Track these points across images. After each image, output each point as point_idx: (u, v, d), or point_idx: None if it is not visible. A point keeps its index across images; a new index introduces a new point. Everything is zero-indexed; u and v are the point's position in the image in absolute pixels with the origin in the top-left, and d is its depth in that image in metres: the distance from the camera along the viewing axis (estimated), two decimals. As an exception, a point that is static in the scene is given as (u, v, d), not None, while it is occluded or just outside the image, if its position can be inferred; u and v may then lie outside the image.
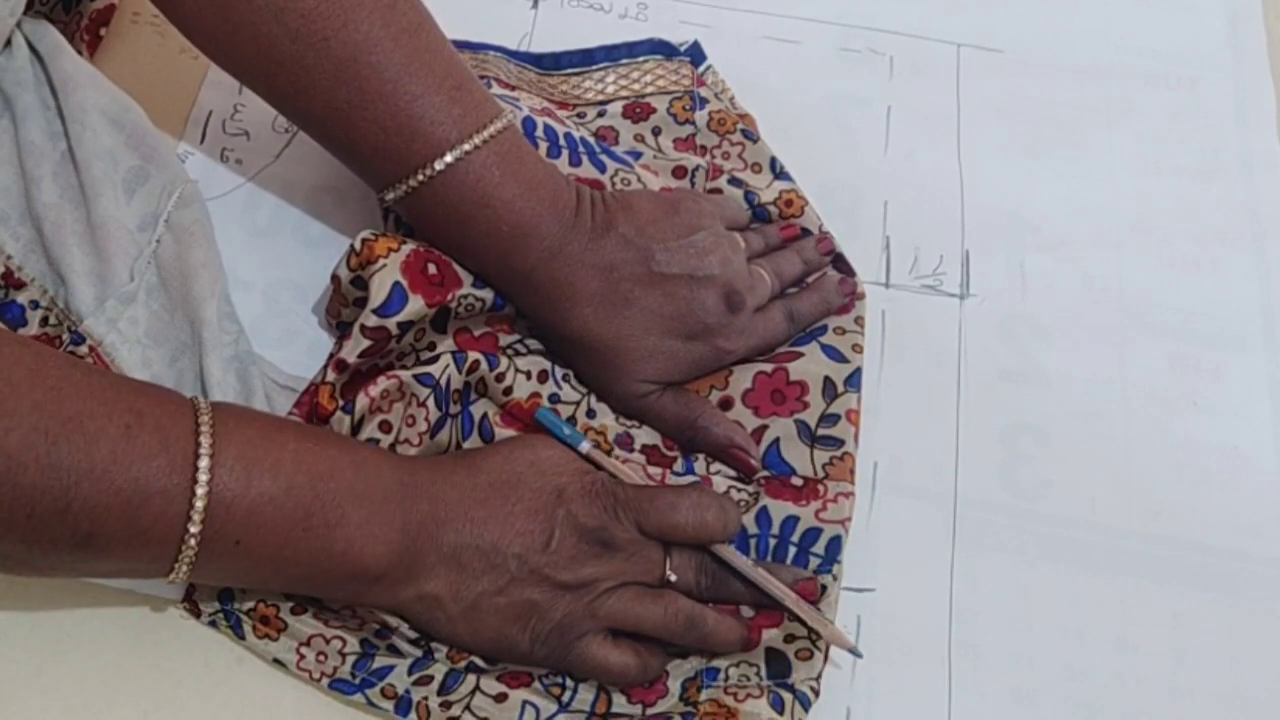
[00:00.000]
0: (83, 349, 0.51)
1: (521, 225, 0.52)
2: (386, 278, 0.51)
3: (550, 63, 0.66)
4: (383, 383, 0.50)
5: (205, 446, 0.43)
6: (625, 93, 0.65)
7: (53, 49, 0.55)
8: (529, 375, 0.55)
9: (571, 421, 0.55)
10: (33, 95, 0.54)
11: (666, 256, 0.54)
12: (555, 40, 0.68)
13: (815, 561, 0.52)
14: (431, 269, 0.52)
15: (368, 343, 0.51)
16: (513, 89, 0.64)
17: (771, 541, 0.52)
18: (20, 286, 0.52)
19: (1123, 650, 0.53)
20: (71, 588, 0.51)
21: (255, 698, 0.50)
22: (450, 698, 0.49)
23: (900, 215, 0.64)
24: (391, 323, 0.51)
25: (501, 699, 0.49)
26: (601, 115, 0.65)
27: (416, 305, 0.51)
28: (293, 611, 0.50)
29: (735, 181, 0.61)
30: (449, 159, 0.51)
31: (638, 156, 0.63)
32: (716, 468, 0.55)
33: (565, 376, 0.56)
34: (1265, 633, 0.54)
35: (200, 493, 0.42)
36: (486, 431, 0.54)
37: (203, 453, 0.43)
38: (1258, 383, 0.60)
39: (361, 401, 0.50)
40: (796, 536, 0.52)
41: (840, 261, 0.61)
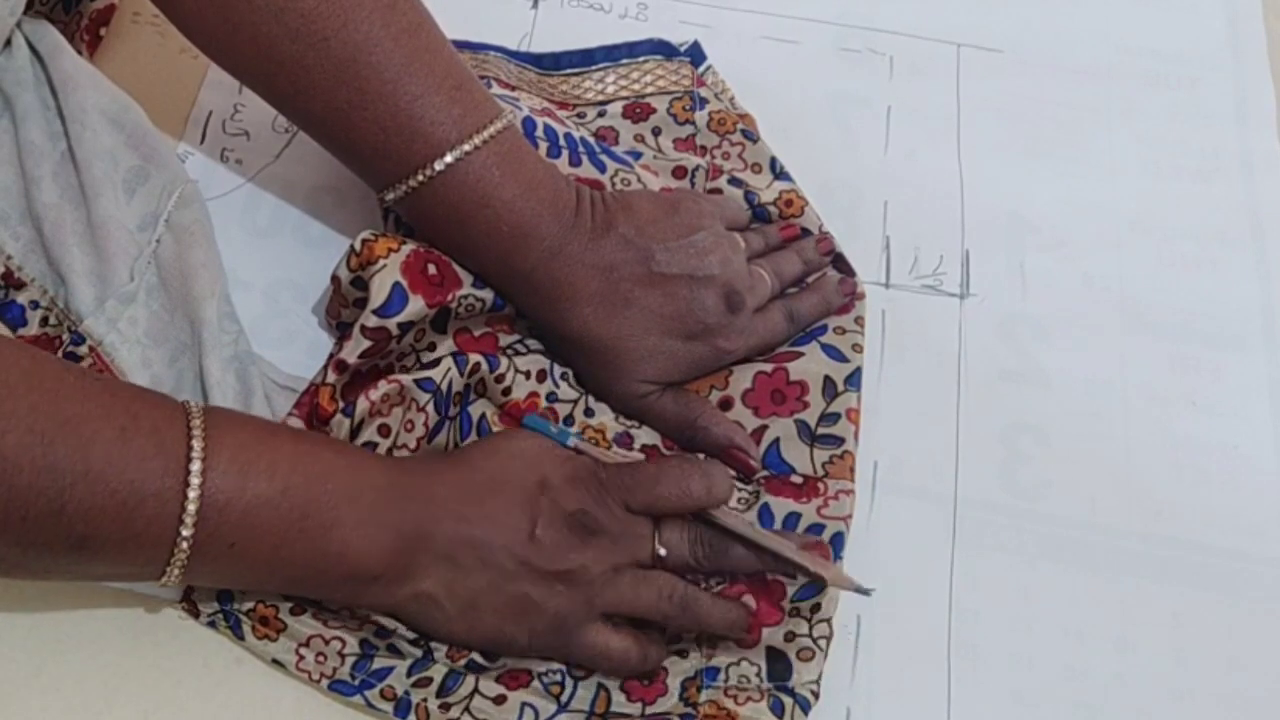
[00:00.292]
0: (83, 349, 0.51)
1: (521, 225, 0.52)
2: (386, 278, 0.51)
3: (550, 63, 0.66)
4: (383, 386, 0.50)
5: (197, 450, 0.43)
6: (625, 93, 0.65)
7: (53, 49, 0.55)
8: (528, 375, 0.55)
9: (570, 420, 0.55)
10: (33, 95, 0.54)
11: (666, 256, 0.54)
12: (555, 40, 0.68)
13: (817, 559, 0.52)
14: (431, 269, 0.52)
15: (368, 343, 0.51)
16: (513, 89, 0.64)
17: (773, 540, 0.53)
18: (20, 286, 0.52)
19: (1123, 650, 0.53)
20: (71, 588, 0.51)
21: (255, 698, 0.50)
22: (449, 699, 0.49)
23: (900, 215, 0.64)
24: (392, 323, 0.51)
25: (500, 701, 0.49)
26: (601, 115, 0.65)
27: (417, 306, 0.51)
28: (292, 612, 0.50)
29: (735, 181, 0.61)
30: (449, 159, 0.51)
31: (638, 157, 0.63)
32: (716, 468, 0.55)
33: (564, 375, 0.56)
34: (1265, 633, 0.54)
35: (193, 496, 0.42)
36: (485, 432, 0.54)
37: (195, 456, 0.43)
38: (1258, 383, 0.60)
39: (362, 405, 0.50)
40: (799, 532, 0.52)
41: (840, 261, 0.61)
